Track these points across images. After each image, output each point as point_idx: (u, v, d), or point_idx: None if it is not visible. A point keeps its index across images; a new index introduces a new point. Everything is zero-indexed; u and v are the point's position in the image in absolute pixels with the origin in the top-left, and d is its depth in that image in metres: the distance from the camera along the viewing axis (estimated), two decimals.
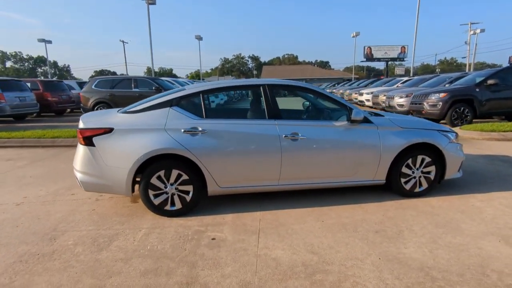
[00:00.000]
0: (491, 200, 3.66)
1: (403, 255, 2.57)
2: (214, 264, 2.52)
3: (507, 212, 3.31)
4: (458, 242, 2.74)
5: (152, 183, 3.28)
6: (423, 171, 3.73)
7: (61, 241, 2.93)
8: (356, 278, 2.30)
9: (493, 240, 2.77)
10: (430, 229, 3.00)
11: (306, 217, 3.33)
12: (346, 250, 2.68)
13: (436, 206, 3.52)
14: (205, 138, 3.30)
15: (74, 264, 2.55)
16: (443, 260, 2.48)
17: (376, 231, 3.00)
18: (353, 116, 3.45)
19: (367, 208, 3.51)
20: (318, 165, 3.52)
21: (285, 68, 58.26)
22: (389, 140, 3.58)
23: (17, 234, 3.07)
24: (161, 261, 2.57)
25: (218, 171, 3.35)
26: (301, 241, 2.84)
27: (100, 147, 3.24)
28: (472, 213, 3.33)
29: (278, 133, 3.40)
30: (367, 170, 3.62)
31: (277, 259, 2.57)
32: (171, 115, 3.35)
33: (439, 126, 3.88)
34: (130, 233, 3.06)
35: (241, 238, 2.92)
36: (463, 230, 2.97)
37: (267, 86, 3.55)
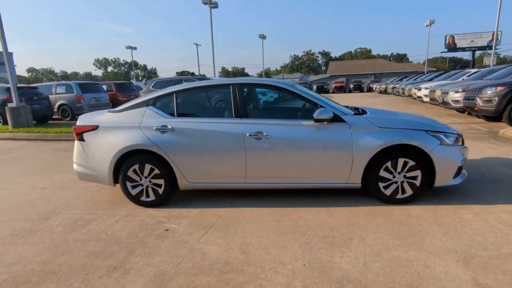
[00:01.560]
0: (488, 213, 3.11)
1: (332, 264, 2.41)
2: (149, 252, 2.73)
3: (497, 230, 2.79)
4: (406, 257, 2.45)
5: (129, 175, 3.64)
6: (406, 176, 3.35)
7: (50, 221, 3.46)
8: (263, 281, 2.26)
9: (451, 259, 2.39)
10: (385, 240, 2.72)
11: (265, 217, 3.30)
12: (277, 253, 2.62)
13: (414, 216, 3.14)
14: (173, 136, 3.52)
15: (46, 241, 3.02)
16: (371, 275, 2.26)
17: (324, 236, 2.85)
18: (315, 114, 3.28)
19: (334, 212, 3.31)
20: (283, 165, 3.45)
21: (352, 63, 55.18)
22: (363, 141, 3.31)
23: (26, 213, 3.72)
24: (110, 246, 2.88)
25: (186, 167, 3.54)
26: (241, 240, 2.86)
27: (88, 142, 3.71)
28: (452, 226, 2.89)
29: (242, 132, 3.43)
30: (339, 172, 3.40)
31: (206, 254, 2.66)
32: (146, 114, 3.65)
33: (431, 127, 3.41)
34: (104, 219, 3.45)
35: (190, 232, 3.07)
36: (424, 244, 2.62)
37: (235, 85, 3.60)
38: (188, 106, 3.72)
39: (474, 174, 4.28)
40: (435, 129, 3.39)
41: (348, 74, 45.77)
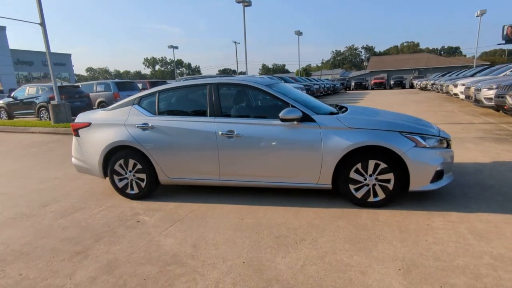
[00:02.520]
0: (462, 222, 2.88)
1: (270, 264, 2.43)
2: (113, 241, 2.95)
3: (462, 240, 2.59)
4: (347, 262, 2.38)
5: (115, 169, 3.92)
6: (378, 179, 3.21)
7: (47, 209, 3.85)
8: (198, 275, 2.35)
9: (393, 267, 2.29)
10: (336, 243, 2.66)
11: (232, 213, 3.38)
12: (225, 249, 2.69)
13: (380, 220, 3.01)
14: (153, 133, 3.72)
15: (35, 225, 3.39)
16: (302, 277, 2.25)
17: (277, 236, 2.85)
18: (281, 114, 3.26)
19: (301, 213, 3.28)
20: (254, 164, 3.48)
21: (395, 58, 51.83)
22: (332, 142, 3.23)
23: (31, 200, 4.17)
24: (84, 233, 3.15)
25: (165, 162, 3.73)
26: (199, 235, 2.97)
27: (83, 137, 4.06)
28: (414, 234, 2.73)
29: (215, 130, 3.53)
30: (309, 173, 3.36)
31: (161, 246, 2.81)
32: (132, 112, 3.90)
33: (407, 128, 3.21)
34: (91, 208, 3.76)
35: (157, 224, 3.25)
36: (374, 251, 2.52)
37: (212, 85, 3.70)
38: (168, 105, 3.89)
39: (472, 178, 3.95)
40: (411, 130, 3.19)
41: (390, 70, 43.40)
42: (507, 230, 2.69)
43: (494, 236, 2.61)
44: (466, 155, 5.01)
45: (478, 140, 6.03)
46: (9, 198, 4.26)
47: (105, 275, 2.41)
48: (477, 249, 2.44)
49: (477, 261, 2.30)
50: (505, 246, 2.45)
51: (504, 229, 2.72)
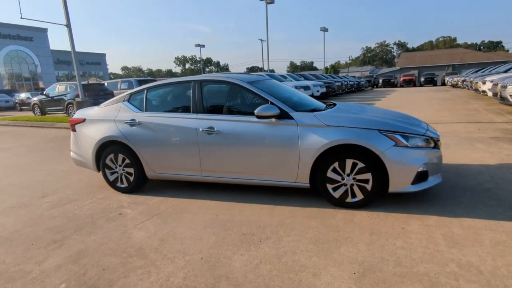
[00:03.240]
0: (440, 226, 2.70)
1: (226, 261, 2.42)
2: (90, 232, 3.07)
3: (432, 245, 2.43)
4: (303, 263, 2.32)
5: (107, 163, 4.07)
6: (356, 179, 3.09)
7: (44, 199, 4.08)
8: (154, 268, 2.39)
9: (349, 271, 2.20)
10: (300, 243, 2.60)
11: (210, 210, 3.40)
12: (190, 244, 2.71)
13: (354, 222, 2.90)
14: (139, 129, 3.82)
15: (28, 215, 3.60)
16: (253, 276, 2.22)
17: (244, 233, 2.83)
18: (256, 111, 3.22)
19: (277, 211, 3.23)
20: (234, 161, 3.48)
21: (427, 54, 48.83)
22: (309, 139, 3.15)
23: (33, 190, 4.44)
24: (68, 223, 3.31)
25: (150, 157, 3.82)
26: (170, 229, 3.02)
27: (79, 132, 4.25)
28: (384, 237, 2.60)
29: (196, 127, 3.56)
30: (287, 171, 3.30)
31: (131, 238, 2.89)
32: (122, 109, 4.02)
33: (388, 126, 3.05)
34: (83, 200, 3.94)
35: (136, 217, 3.34)
36: (335, 253, 2.43)
37: (195, 82, 3.73)
38: (155, 102, 3.98)
39: (470, 181, 3.69)
40: (391, 128, 3.04)
41: (421, 66, 41.32)
42: (486, 238, 2.49)
43: (469, 243, 2.42)
44: (472, 156, 4.69)
45: (492, 140, 5.61)
46: (16, 188, 4.56)
47: (70, 264, 2.52)
48: (445, 256, 2.28)
49: (440, 268, 2.15)
50: (478, 255, 2.27)
51: (484, 236, 2.52)
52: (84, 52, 51.08)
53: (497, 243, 2.41)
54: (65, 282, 2.29)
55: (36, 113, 15.66)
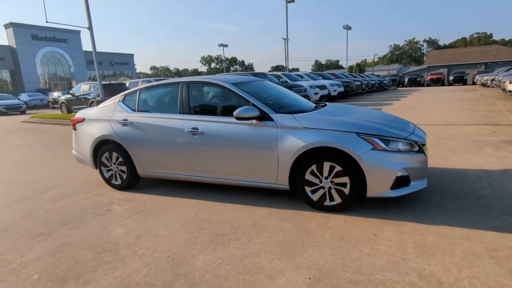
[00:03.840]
0: (415, 234, 2.59)
1: (190, 260, 2.47)
2: (76, 227, 3.23)
3: (400, 253, 2.34)
4: (263, 266, 2.32)
5: (102, 161, 4.25)
6: (334, 182, 3.03)
7: (46, 194, 4.32)
8: (120, 264, 2.48)
9: (305, 276, 2.17)
10: (267, 245, 2.59)
11: (192, 209, 3.46)
12: (161, 242, 2.79)
13: (327, 226, 2.85)
14: (131, 128, 3.96)
15: (27, 208, 3.83)
16: (210, 276, 2.25)
17: (216, 233, 2.87)
18: (235, 112, 3.23)
19: (255, 212, 3.24)
20: (217, 161, 3.52)
21: (457, 51, 45.65)
22: (288, 141, 3.12)
23: (39, 185, 4.70)
24: (59, 217, 3.49)
25: (140, 156, 3.95)
26: (149, 226, 3.11)
27: (78, 131, 4.47)
28: (353, 243, 2.54)
29: (182, 127, 3.64)
30: (268, 172, 3.30)
31: (110, 234, 3.01)
32: (117, 109, 4.18)
33: (367, 129, 2.96)
34: (79, 196, 4.14)
35: (122, 214, 3.47)
36: (298, 256, 2.41)
37: (183, 83, 3.80)
38: (146, 102, 4.09)
39: (464, 187, 3.50)
40: (370, 131, 2.95)
41: (451, 64, 39.25)
42: (459, 248, 2.37)
43: (439, 253, 2.32)
44: (476, 160, 4.44)
45: (504, 144, 5.27)
46: (25, 183, 4.87)
47: (49, 256, 2.67)
48: (409, 265, 2.20)
49: (399, 277, 2.08)
50: (444, 265, 2.17)
51: (458, 246, 2.39)
52: (113, 53, 53.18)
53: (469, 254, 2.28)
54: (39, 273, 2.43)
55: (63, 111, 16.52)
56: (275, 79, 12.81)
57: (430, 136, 6.28)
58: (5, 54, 40.90)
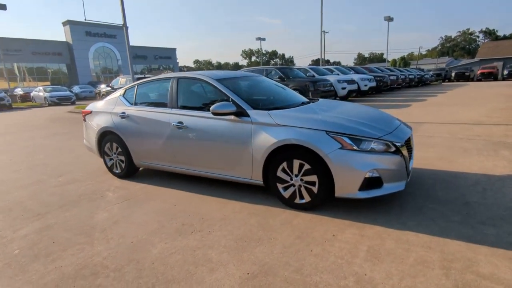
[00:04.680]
0: (374, 238, 2.48)
1: (149, 247, 2.61)
2: (67, 210, 3.53)
3: (349, 256, 2.27)
4: (210, 258, 2.39)
5: (105, 150, 4.57)
6: (304, 180, 2.99)
7: (58, 178, 4.75)
8: (89, 247, 2.68)
9: (244, 270, 2.20)
10: (225, 239, 2.65)
11: (172, 199, 3.61)
12: (133, 228, 2.96)
13: (291, 224, 2.83)
14: (127, 121, 4.20)
15: (37, 190, 4.25)
16: (158, 263, 2.37)
17: (184, 224, 2.98)
18: (211, 108, 3.28)
19: (229, 206, 3.31)
20: (198, 154, 3.62)
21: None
22: (261, 138, 3.13)
23: (57, 170, 5.17)
24: (59, 200, 3.83)
25: (135, 147, 4.18)
26: (128, 213, 3.31)
27: (87, 122, 4.83)
28: (306, 243, 2.50)
29: (169, 121, 3.79)
30: (244, 168, 3.33)
31: (93, 218, 3.25)
32: (118, 102, 4.45)
33: (338, 127, 2.86)
34: (84, 182, 4.49)
35: (111, 200, 3.72)
36: (247, 252, 2.44)
37: (173, 78, 3.94)
38: (142, 97, 4.30)
39: (454, 192, 3.26)
40: (339, 130, 2.85)
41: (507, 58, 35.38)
42: (414, 256, 2.24)
43: (390, 259, 2.21)
44: (483, 164, 4.08)
45: None
46: (45, 168, 5.37)
47: (34, 234, 2.97)
48: (352, 269, 2.13)
49: (335, 281, 2.03)
50: (388, 272, 2.08)
51: (413, 253, 2.27)
52: (157, 47, 55.59)
53: (421, 262, 2.16)
54: (20, 249, 2.72)
55: None
56: (301, 73, 12.63)
57: (448, 136, 5.85)
58: (63, 49, 44.61)
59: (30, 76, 43.04)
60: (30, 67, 42.61)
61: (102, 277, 2.25)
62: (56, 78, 44.35)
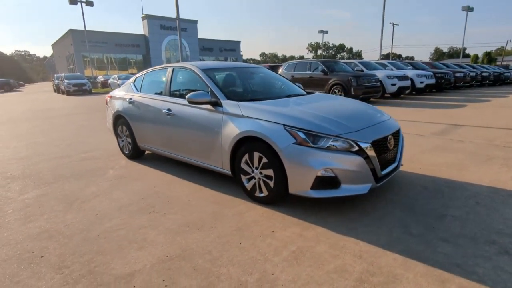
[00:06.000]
0: (308, 241, 2.33)
1: (106, 221, 2.83)
2: (71, 182, 3.98)
3: (272, 254, 2.18)
4: (143, 238, 2.51)
5: (118, 133, 5.01)
6: (263, 174, 2.92)
7: (81, 155, 5.32)
8: (55, 214, 3.02)
9: (159, 251, 2.27)
10: (172, 222, 2.75)
11: (156, 181, 3.81)
12: (104, 203, 3.23)
13: (241, 216, 2.80)
14: (133, 106, 4.54)
15: (58, 164, 4.84)
16: (102, 236, 2.57)
17: (148, 204, 3.16)
18: (187, 96, 3.36)
19: (201, 192, 3.39)
20: (182, 141, 3.76)
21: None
22: (228, 129, 3.14)
23: (83, 148, 5.81)
24: (71, 173, 4.33)
25: (138, 131, 4.51)
26: (112, 190, 3.60)
27: (108, 106, 5.33)
28: (241, 235, 2.47)
29: (161, 108, 4.00)
30: (216, 157, 3.38)
31: (82, 191, 3.62)
32: (129, 89, 4.83)
33: (296, 121, 2.71)
34: (99, 159, 4.98)
35: (109, 177, 4.06)
36: (181, 236, 2.50)
37: (170, 68, 4.13)
38: (147, 84, 4.58)
39: (438, 203, 2.86)
40: (297, 125, 2.70)
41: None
42: (337, 264, 2.06)
43: (309, 263, 2.08)
44: (499, 175, 3.48)
45: None
46: (78, 145, 6.07)
47: (31, 199, 3.43)
48: (263, 267, 2.06)
49: (240, 275, 1.98)
50: (297, 275, 1.96)
51: (339, 261, 2.09)
52: (223, 40, 57.62)
53: (339, 271, 1.98)
54: (13, 209, 3.18)
55: None
56: (347, 67, 12.01)
57: (481, 141, 5.09)
58: (140, 41, 49.00)
59: (116, 65, 48.32)
60: (114, 57, 47.80)
61: (53, 241, 2.53)
62: (135, 68, 49.09)
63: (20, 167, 4.69)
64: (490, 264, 1.98)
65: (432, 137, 5.54)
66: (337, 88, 11.00)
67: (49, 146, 5.98)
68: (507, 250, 2.12)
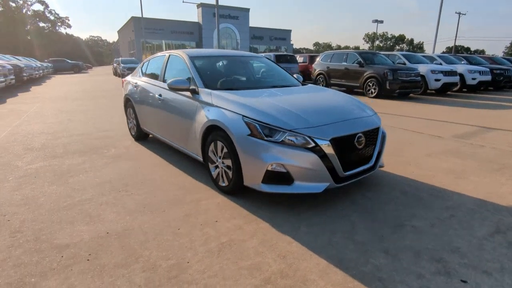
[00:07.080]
0: (246, 234, 2.28)
1: (77, 196, 3.06)
2: (76, 157, 4.34)
3: (199, 243, 2.19)
4: (97, 214, 2.66)
5: (127, 114, 5.31)
6: (225, 164, 2.90)
7: (102, 133, 5.77)
8: (46, 183, 3.33)
9: (102, 230, 2.40)
10: (134, 202, 2.88)
11: (144, 163, 3.99)
12: (83, 180, 3.47)
13: (200, 203, 2.83)
14: (136, 90, 4.76)
15: (77, 139, 5.30)
16: (61, 211, 2.78)
17: (124, 184, 3.33)
18: (168, 82, 3.42)
19: (178, 178, 3.48)
20: (170, 126, 3.87)
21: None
22: (199, 117, 3.16)
23: (106, 127, 6.27)
24: (81, 148, 4.73)
25: (139, 114, 4.74)
26: (100, 167, 3.86)
27: (124, 87, 5.65)
28: (184, 221, 2.50)
29: (155, 93, 4.14)
30: (192, 144, 3.43)
31: (79, 166, 3.94)
32: (137, 74, 5.06)
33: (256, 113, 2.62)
34: (110, 138, 5.34)
35: (107, 155, 4.35)
36: (132, 217, 2.61)
37: (168, 54, 4.23)
38: (149, 70, 4.74)
39: (405, 211, 2.59)
40: (254, 117, 2.61)
41: None
42: (256, 260, 2.00)
43: (229, 256, 2.04)
44: (498, 188, 3.04)
45: None
46: (104, 124, 6.55)
47: (32, 169, 3.81)
48: (184, 254, 2.07)
49: (157, 259, 2.03)
50: (210, 266, 1.94)
51: (259, 258, 2.02)
52: (273, 29, 57.16)
53: (256, 268, 1.92)
54: (15, 176, 3.57)
55: None
56: (387, 60, 11.22)
57: (506, 148, 4.47)
58: (194, 29, 50.62)
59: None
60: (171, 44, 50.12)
61: (25, 207, 2.79)
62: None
63: (43, 140, 5.21)
64: (418, 284, 1.77)
65: (451, 139, 4.99)
66: (371, 81, 10.37)
67: (78, 124, 6.53)
68: (448, 271, 1.87)
